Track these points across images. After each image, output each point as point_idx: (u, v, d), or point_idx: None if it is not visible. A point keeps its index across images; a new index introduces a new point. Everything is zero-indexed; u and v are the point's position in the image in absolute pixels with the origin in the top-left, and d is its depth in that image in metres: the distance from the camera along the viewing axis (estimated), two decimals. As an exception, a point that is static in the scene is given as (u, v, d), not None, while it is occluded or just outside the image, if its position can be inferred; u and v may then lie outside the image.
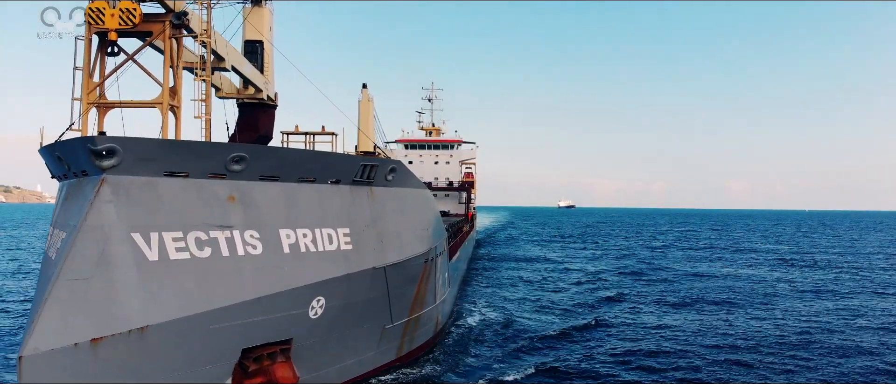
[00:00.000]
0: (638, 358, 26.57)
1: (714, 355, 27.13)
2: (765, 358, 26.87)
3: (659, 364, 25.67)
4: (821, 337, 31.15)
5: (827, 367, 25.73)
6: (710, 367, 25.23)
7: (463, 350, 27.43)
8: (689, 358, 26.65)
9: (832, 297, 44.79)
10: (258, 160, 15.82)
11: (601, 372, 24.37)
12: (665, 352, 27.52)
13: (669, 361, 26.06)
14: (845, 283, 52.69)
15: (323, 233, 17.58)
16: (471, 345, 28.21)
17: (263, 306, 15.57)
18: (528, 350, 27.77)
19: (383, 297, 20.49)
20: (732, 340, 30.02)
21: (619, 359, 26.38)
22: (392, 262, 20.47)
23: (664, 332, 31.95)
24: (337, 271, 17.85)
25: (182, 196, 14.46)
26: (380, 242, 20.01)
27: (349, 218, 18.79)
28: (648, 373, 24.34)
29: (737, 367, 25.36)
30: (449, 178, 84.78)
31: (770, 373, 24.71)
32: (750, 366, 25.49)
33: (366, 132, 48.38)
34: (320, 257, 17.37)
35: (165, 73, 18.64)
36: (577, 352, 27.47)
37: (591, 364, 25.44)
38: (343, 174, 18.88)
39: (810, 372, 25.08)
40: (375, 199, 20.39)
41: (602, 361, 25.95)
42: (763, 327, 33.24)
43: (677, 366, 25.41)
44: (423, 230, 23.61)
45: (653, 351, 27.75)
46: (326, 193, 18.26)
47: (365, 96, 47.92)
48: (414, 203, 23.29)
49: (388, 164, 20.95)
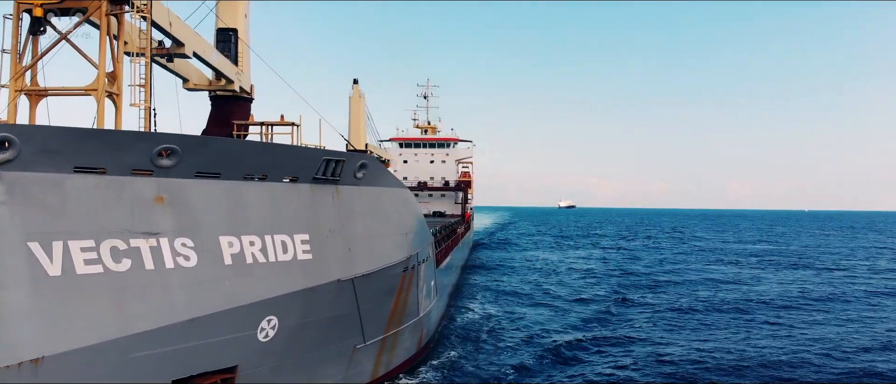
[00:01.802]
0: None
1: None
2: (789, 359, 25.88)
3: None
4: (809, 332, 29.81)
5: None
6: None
7: (451, 367, 25.09)
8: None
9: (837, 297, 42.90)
10: (193, 153, 13.32)
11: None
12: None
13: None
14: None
15: (275, 241, 15.06)
16: (461, 362, 25.84)
17: (199, 329, 13.12)
18: (525, 368, 25.44)
19: (353, 313, 18.01)
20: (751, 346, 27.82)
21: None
22: (363, 273, 17.94)
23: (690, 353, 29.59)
24: (292, 285, 15.36)
25: (96, 197, 12.00)
26: (347, 250, 17.49)
27: (309, 222, 16.23)
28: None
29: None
30: (445, 177, 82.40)
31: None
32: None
33: (357, 129, 46.16)
34: (271, 269, 14.87)
35: (101, 55, 16.23)
36: (580, 373, 25.09)
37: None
38: (301, 170, 16.28)
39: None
40: (342, 200, 17.79)
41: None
42: (788, 333, 31.48)
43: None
44: (401, 235, 21.07)
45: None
46: (280, 193, 15.70)
47: (356, 92, 45.63)
48: (390, 204, 20.72)
49: (358, 158, 18.32)
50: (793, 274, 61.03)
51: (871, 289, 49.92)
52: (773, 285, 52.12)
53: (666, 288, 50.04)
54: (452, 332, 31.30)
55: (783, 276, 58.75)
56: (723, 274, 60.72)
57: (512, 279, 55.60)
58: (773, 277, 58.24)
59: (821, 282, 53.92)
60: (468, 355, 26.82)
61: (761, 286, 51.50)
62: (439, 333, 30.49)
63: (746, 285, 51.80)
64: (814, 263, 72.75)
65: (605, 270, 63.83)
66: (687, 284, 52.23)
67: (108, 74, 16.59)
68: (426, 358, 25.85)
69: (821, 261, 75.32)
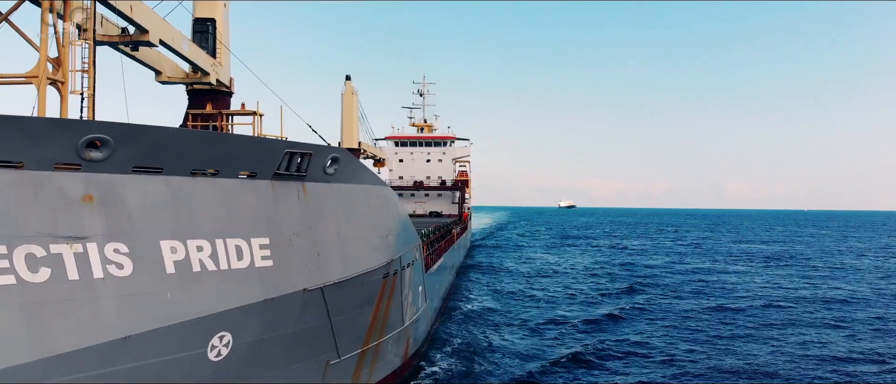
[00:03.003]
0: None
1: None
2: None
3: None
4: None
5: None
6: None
7: (441, 381, 23.37)
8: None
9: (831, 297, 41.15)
10: (129, 144, 11.45)
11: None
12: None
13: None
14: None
15: (228, 246, 13.17)
16: (452, 375, 24.12)
17: (134, 349, 11.32)
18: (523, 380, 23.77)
19: (324, 326, 16.18)
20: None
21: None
22: (334, 281, 16.03)
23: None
24: (249, 296, 13.45)
25: (10, 195, 10.25)
26: (316, 255, 15.54)
27: (269, 224, 14.34)
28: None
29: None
30: (442, 176, 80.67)
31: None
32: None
33: (350, 127, 44.34)
34: (224, 278, 13.00)
35: (43, 38, 14.48)
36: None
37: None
38: (260, 165, 14.23)
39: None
40: (310, 199, 15.84)
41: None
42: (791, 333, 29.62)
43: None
44: (380, 237, 19.02)
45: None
46: (234, 191, 13.75)
47: (348, 89, 43.75)
48: (367, 203, 18.69)
49: (328, 152, 16.24)
50: (797, 274, 59.50)
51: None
52: (773, 286, 51.07)
53: (675, 291, 48.36)
54: (444, 342, 29.50)
55: (787, 277, 57.25)
56: (734, 275, 59.23)
57: (510, 282, 53.77)
58: (771, 276, 57.40)
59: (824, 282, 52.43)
60: (460, 367, 25.07)
61: (760, 286, 50.57)
62: (429, 343, 28.73)
63: (756, 286, 50.37)
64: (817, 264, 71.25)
65: (605, 271, 62.17)
66: (702, 291, 50.50)
67: (52, 60, 14.89)
68: (415, 371, 24.10)
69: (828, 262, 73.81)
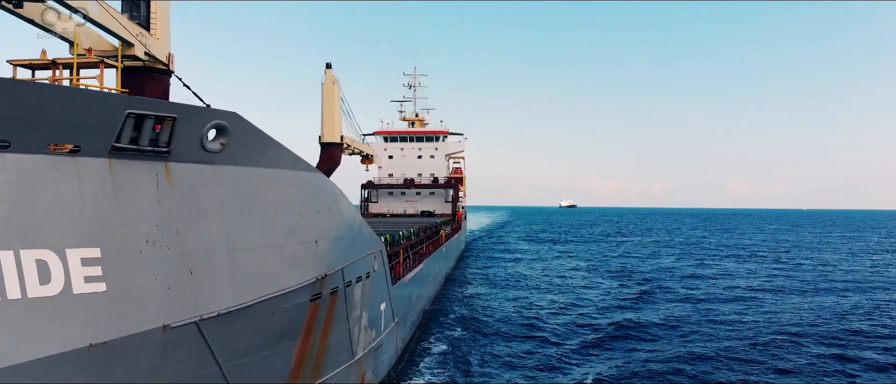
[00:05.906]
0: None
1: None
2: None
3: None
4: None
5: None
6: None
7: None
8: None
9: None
10: None
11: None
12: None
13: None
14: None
15: (25, 262, 8.83)
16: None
17: None
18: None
19: (208, 375, 11.62)
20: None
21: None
22: (220, 310, 11.43)
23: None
24: (63, 342, 9.07)
25: None
26: (187, 273, 10.96)
27: (102, 226, 9.86)
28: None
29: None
30: (434, 173, 76.24)
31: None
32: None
33: (331, 119, 40.06)
34: (15, 313, 8.69)
35: None
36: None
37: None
38: (88, 133, 9.49)
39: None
40: (177, 188, 11.09)
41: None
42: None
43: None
44: (303, 244, 14.07)
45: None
46: (39, 175, 9.23)
47: (329, 77, 39.30)
48: (283, 195, 13.58)
49: (209, 117, 11.32)
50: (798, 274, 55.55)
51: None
52: (775, 285, 47.50)
53: (680, 292, 44.41)
54: (420, 368, 25.12)
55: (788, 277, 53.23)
56: (736, 273, 55.20)
57: (506, 288, 49.59)
58: (771, 273, 53.52)
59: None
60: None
61: (763, 285, 47.94)
62: (401, 371, 24.27)
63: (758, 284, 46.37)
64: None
65: (606, 272, 58.31)
66: (709, 294, 46.42)
67: None
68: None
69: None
